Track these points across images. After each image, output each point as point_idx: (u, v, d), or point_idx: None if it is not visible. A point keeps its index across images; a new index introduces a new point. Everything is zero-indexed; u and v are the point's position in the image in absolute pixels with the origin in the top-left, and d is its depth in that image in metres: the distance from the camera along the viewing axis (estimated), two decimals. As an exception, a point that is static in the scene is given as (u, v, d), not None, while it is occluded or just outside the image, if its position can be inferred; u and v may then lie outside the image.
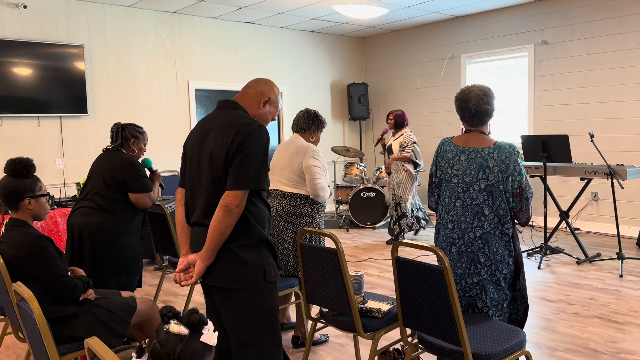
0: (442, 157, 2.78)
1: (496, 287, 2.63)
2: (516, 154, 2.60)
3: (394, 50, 8.94)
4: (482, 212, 2.61)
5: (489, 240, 2.61)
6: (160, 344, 1.38)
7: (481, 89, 2.69)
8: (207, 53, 7.45)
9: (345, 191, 7.73)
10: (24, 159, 2.69)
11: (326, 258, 2.68)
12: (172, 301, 4.60)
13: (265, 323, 2.22)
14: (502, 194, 2.59)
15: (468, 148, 2.69)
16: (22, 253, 2.51)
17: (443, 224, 2.76)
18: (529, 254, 5.70)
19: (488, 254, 2.61)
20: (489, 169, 2.61)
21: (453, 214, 2.70)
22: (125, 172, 3.26)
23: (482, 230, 2.62)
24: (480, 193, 2.62)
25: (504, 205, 2.60)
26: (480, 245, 2.62)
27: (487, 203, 2.61)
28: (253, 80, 2.37)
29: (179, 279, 2.22)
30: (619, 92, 6.46)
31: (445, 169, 2.75)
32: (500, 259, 2.61)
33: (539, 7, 7.09)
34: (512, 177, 2.58)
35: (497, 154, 2.61)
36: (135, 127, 3.45)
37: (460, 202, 2.68)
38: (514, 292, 2.70)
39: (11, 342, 3.78)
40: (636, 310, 4.04)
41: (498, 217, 2.61)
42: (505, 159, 2.59)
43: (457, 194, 2.69)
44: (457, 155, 2.71)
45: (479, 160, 2.63)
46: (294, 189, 3.38)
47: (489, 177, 2.60)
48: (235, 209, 2.10)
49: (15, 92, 5.79)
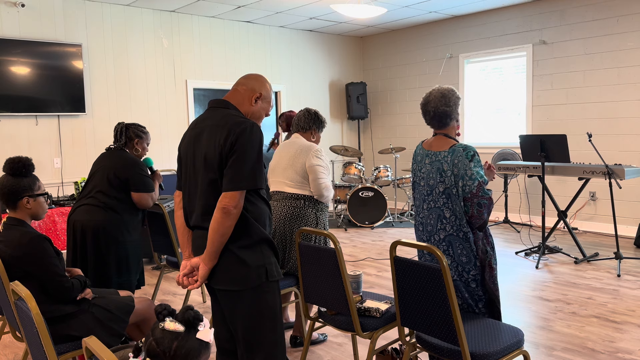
0: (414, 161, 2.83)
1: (466, 287, 2.65)
2: (469, 158, 2.56)
3: (392, 49, 8.94)
4: (443, 214, 2.64)
5: (453, 242, 2.63)
6: (156, 341, 1.38)
7: (440, 90, 2.67)
8: (205, 52, 7.45)
9: (344, 190, 7.73)
10: (24, 158, 2.69)
11: (324, 257, 2.68)
12: (170, 300, 4.60)
13: (268, 323, 2.22)
14: (456, 198, 2.59)
15: (431, 151, 2.71)
16: (20, 252, 2.51)
17: (416, 226, 2.83)
18: (527, 253, 5.70)
19: (453, 255, 2.63)
20: (444, 173, 2.62)
21: (422, 216, 2.76)
22: (129, 172, 3.26)
23: (445, 233, 2.65)
24: (440, 196, 2.64)
25: (458, 208, 2.60)
26: (445, 247, 2.66)
27: (447, 206, 2.62)
28: (243, 77, 2.33)
29: (185, 283, 2.21)
30: (617, 92, 6.47)
31: (416, 172, 2.80)
32: (466, 260, 2.62)
33: (538, 7, 7.10)
34: (462, 181, 2.56)
35: (450, 157, 2.61)
36: (139, 127, 3.46)
37: (426, 204, 2.72)
38: (488, 295, 2.68)
39: (9, 342, 3.78)
40: (634, 309, 4.05)
41: (458, 220, 2.61)
42: (458, 162, 2.57)
43: (424, 196, 2.73)
44: (423, 159, 2.74)
45: (437, 164, 2.66)
46: (297, 189, 3.32)
47: (445, 180, 2.62)
48: (234, 210, 2.09)
49: (13, 91, 5.78)
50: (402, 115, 8.88)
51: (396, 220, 7.80)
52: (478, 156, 2.62)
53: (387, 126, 9.15)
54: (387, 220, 7.76)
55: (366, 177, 7.60)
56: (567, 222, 5.64)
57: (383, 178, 7.53)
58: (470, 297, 2.65)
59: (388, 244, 6.48)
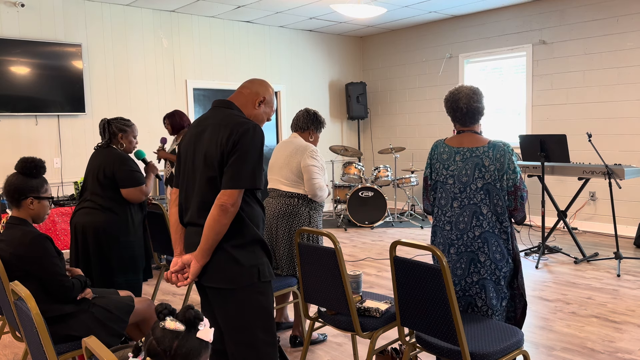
0: (436, 159, 2.78)
1: (496, 285, 2.64)
2: (511, 152, 2.61)
3: (392, 49, 8.94)
4: (480, 211, 2.62)
5: (489, 239, 2.61)
6: (156, 340, 1.39)
7: (470, 88, 2.70)
8: (205, 52, 7.45)
9: (344, 190, 7.74)
10: (37, 159, 2.69)
11: (324, 257, 2.68)
12: (170, 300, 4.60)
13: (260, 323, 2.22)
14: (499, 192, 2.60)
15: (462, 148, 2.69)
16: (21, 251, 2.51)
17: (440, 226, 2.76)
18: (526, 253, 5.70)
19: (488, 252, 2.61)
20: (485, 168, 2.61)
21: (450, 215, 2.70)
22: (113, 168, 3.24)
23: (481, 230, 2.62)
24: (478, 192, 2.62)
25: (501, 203, 2.60)
26: (479, 245, 2.62)
27: (485, 202, 2.61)
28: (248, 81, 2.38)
29: (174, 280, 2.21)
30: (616, 92, 6.47)
31: (440, 170, 2.75)
32: (500, 257, 2.62)
33: (537, 7, 7.10)
34: (506, 175, 2.59)
35: (492, 152, 2.61)
36: (122, 121, 3.41)
37: (457, 202, 2.68)
38: (512, 291, 2.71)
39: (9, 342, 3.78)
40: (633, 309, 4.05)
41: (496, 216, 2.61)
42: (500, 157, 2.59)
43: (454, 194, 2.69)
44: (452, 156, 2.71)
45: (475, 160, 2.64)
46: (292, 188, 3.37)
47: (485, 175, 2.61)
48: (231, 208, 2.10)
49: (13, 91, 5.77)
50: (402, 115, 8.88)
51: (396, 220, 7.80)
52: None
53: (386, 126, 9.15)
54: (387, 220, 7.76)
55: (366, 177, 7.60)
56: (567, 222, 5.64)
57: (383, 178, 7.53)
58: (496, 295, 2.64)
59: (388, 244, 6.48)
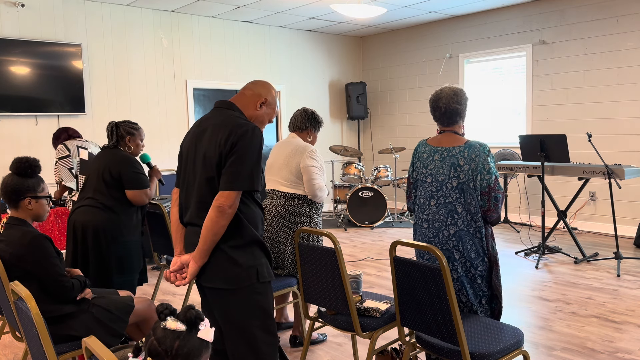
0: (417, 158, 2.83)
1: (472, 283, 2.67)
2: (486, 153, 2.63)
3: (392, 49, 8.94)
4: (455, 209, 2.65)
5: (463, 238, 2.64)
6: (157, 340, 1.39)
7: (452, 89, 2.73)
8: (205, 52, 7.45)
9: (344, 190, 7.74)
10: (31, 158, 2.69)
11: (324, 257, 2.68)
12: (170, 300, 4.60)
13: (259, 323, 2.22)
14: (473, 192, 2.62)
15: (441, 147, 2.73)
16: (20, 251, 2.51)
17: (419, 224, 2.81)
18: (526, 253, 5.70)
19: (462, 250, 2.65)
20: (460, 167, 2.64)
21: (428, 212, 2.75)
22: (121, 169, 3.26)
23: (455, 228, 2.65)
24: (453, 191, 2.65)
25: (474, 203, 2.63)
26: (454, 243, 2.66)
27: (460, 201, 2.64)
28: (250, 82, 2.38)
29: (172, 279, 2.23)
30: (616, 92, 6.47)
31: (421, 169, 2.79)
32: (475, 256, 2.65)
33: (537, 7, 7.10)
34: (480, 175, 2.61)
35: (467, 152, 2.64)
36: (130, 124, 3.43)
37: (434, 200, 2.72)
38: (492, 291, 2.72)
39: (8, 342, 3.78)
40: (633, 309, 4.05)
41: (470, 215, 2.64)
42: (475, 157, 2.61)
43: (432, 193, 2.73)
44: (431, 155, 2.75)
45: (451, 159, 2.67)
46: (292, 189, 3.36)
47: (460, 175, 2.64)
48: (229, 210, 2.10)
49: (13, 91, 5.77)
50: (402, 115, 8.88)
51: (396, 220, 7.80)
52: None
53: (386, 126, 9.15)
54: (387, 220, 7.76)
55: (366, 177, 7.60)
56: (567, 222, 5.64)
57: (383, 178, 7.53)
58: (474, 293, 2.67)
59: (388, 244, 6.48)
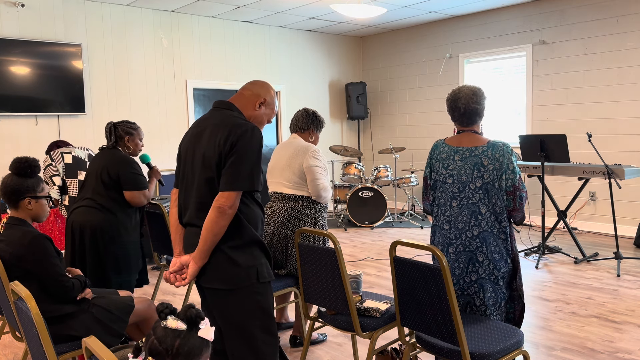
0: (436, 159, 2.78)
1: (494, 285, 2.64)
2: (510, 152, 2.61)
3: (392, 49, 8.95)
4: (478, 210, 2.62)
5: (487, 239, 2.61)
6: (158, 340, 1.39)
7: (471, 88, 2.70)
8: (205, 52, 7.45)
9: (344, 190, 7.74)
10: (30, 158, 2.69)
11: (324, 257, 2.68)
12: (170, 300, 4.60)
13: (259, 323, 2.22)
14: (498, 192, 2.60)
15: (462, 148, 2.69)
16: (20, 251, 2.51)
17: (439, 226, 2.76)
18: (526, 253, 5.70)
19: (486, 252, 2.61)
20: (484, 167, 2.61)
21: (449, 214, 2.70)
22: (120, 170, 3.25)
23: (479, 229, 2.62)
24: (476, 192, 2.62)
25: (499, 203, 2.60)
26: (478, 244, 2.62)
27: (484, 201, 2.61)
28: (249, 82, 2.38)
29: (172, 280, 2.22)
30: (617, 92, 6.47)
31: (440, 170, 2.75)
32: (498, 258, 2.62)
33: (537, 7, 7.10)
34: (505, 174, 2.59)
35: (491, 152, 2.61)
36: (128, 124, 3.42)
37: (456, 202, 2.68)
38: (511, 292, 2.71)
39: (8, 342, 3.78)
40: (633, 309, 4.05)
41: (495, 215, 2.61)
42: (499, 157, 2.59)
43: (453, 194, 2.69)
44: (451, 156, 2.71)
45: (474, 159, 2.64)
46: (295, 190, 3.32)
47: (484, 175, 2.61)
48: (229, 210, 2.10)
49: (13, 91, 5.78)
50: (402, 115, 8.88)
51: (396, 220, 7.80)
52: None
53: (386, 126, 9.15)
54: (387, 220, 7.76)
55: (366, 177, 7.60)
56: (567, 222, 5.65)
57: (383, 178, 7.53)
58: (494, 295, 2.63)
59: (388, 244, 6.48)
